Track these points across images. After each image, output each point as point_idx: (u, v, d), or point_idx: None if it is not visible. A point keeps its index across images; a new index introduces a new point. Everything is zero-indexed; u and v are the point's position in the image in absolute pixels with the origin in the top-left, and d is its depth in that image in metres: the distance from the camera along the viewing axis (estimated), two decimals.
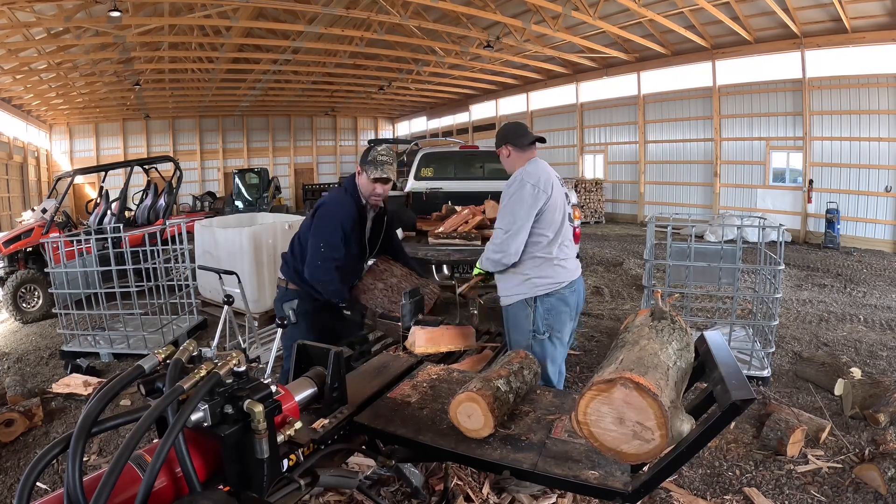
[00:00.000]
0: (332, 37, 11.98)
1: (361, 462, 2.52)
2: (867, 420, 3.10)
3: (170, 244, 5.15)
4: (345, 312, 2.61)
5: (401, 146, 19.50)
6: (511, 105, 18.56)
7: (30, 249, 6.49)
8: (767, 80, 11.12)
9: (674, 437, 1.27)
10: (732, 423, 2.99)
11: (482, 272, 2.62)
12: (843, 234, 9.85)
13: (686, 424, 1.31)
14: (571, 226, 2.64)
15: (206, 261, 5.16)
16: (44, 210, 7.04)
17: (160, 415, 1.09)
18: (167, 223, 5.95)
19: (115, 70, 12.94)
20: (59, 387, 3.87)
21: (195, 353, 1.28)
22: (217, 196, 18.33)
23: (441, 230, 5.03)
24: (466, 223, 5.12)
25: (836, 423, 3.11)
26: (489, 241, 2.56)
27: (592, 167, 15.78)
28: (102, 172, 7.86)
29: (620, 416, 1.27)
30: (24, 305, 6.15)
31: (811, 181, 10.51)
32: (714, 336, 1.61)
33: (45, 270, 4.96)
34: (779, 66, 10.80)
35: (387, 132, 25.94)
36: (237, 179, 16.20)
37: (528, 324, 2.48)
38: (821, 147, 10.39)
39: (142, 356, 1.27)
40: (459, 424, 1.58)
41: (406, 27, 11.17)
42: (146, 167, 8.04)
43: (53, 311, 5.32)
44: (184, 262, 4.99)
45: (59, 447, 1.03)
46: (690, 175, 13.07)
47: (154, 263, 4.81)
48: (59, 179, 7.58)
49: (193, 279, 5.07)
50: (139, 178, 8.88)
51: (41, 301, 6.18)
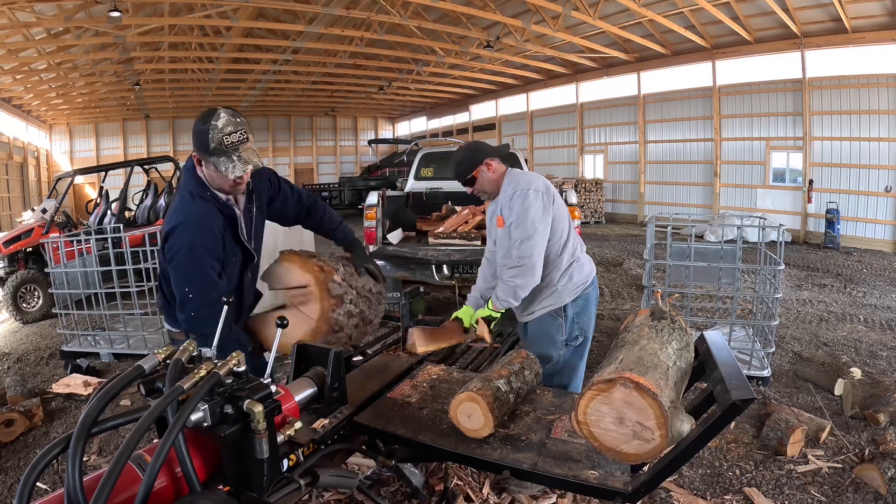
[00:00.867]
0: (332, 37, 11.97)
1: (361, 462, 2.52)
2: (867, 420, 3.10)
3: None
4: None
5: (401, 146, 19.56)
6: (511, 105, 18.55)
7: (30, 249, 6.49)
8: (767, 80, 11.11)
9: (674, 437, 1.27)
10: (732, 423, 2.99)
11: (499, 314, 2.24)
12: (843, 234, 9.85)
13: (686, 424, 1.31)
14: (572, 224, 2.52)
15: None
16: (44, 210, 7.04)
17: (160, 415, 1.09)
18: None
19: (115, 70, 12.94)
20: (59, 387, 3.86)
21: (195, 353, 1.28)
22: None
23: (441, 230, 5.04)
24: (466, 223, 5.13)
25: (836, 423, 3.10)
26: (502, 273, 2.23)
27: (592, 167, 15.78)
28: (102, 172, 7.85)
29: (620, 416, 1.27)
30: (24, 305, 6.15)
31: (811, 181, 10.51)
32: (714, 336, 1.61)
33: (45, 270, 4.96)
34: (779, 66, 10.79)
35: (387, 132, 25.94)
36: None
37: (560, 334, 2.33)
38: (821, 147, 10.39)
39: (142, 356, 1.27)
40: (459, 424, 1.58)
41: (406, 27, 11.17)
42: (146, 167, 8.03)
43: (53, 311, 5.32)
44: None
45: (59, 447, 1.03)
46: (690, 175, 13.06)
47: (154, 263, 4.80)
48: (59, 179, 7.58)
49: None
50: (139, 178, 8.88)
51: (41, 301, 6.18)
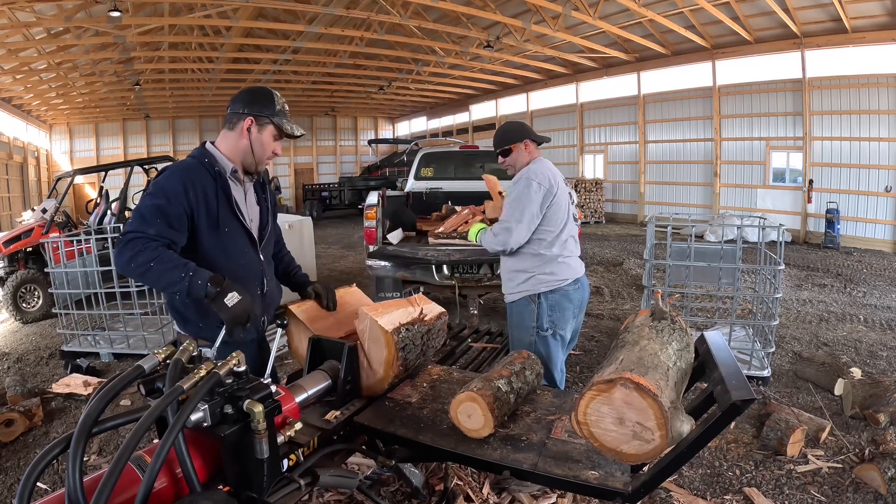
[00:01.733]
0: (332, 37, 11.98)
1: (361, 462, 2.52)
2: (867, 420, 3.10)
3: None
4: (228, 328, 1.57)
5: (401, 146, 19.57)
6: (511, 105, 18.55)
7: (30, 249, 6.49)
8: (767, 80, 11.12)
9: (674, 438, 1.27)
10: (732, 423, 2.99)
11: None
12: (843, 234, 9.85)
13: (686, 425, 1.31)
14: (576, 224, 2.66)
15: None
16: (44, 210, 7.04)
17: (160, 415, 1.09)
18: None
19: (115, 70, 12.94)
20: (59, 387, 3.86)
21: (195, 353, 1.28)
22: None
23: (441, 230, 5.03)
24: (466, 223, 5.12)
25: (836, 423, 3.10)
26: (494, 225, 2.55)
27: (592, 167, 15.78)
28: (102, 172, 7.86)
29: (620, 417, 1.27)
30: (24, 305, 6.15)
31: (811, 181, 10.51)
32: (714, 336, 1.61)
33: (45, 270, 4.96)
34: (779, 66, 10.80)
35: (387, 132, 25.93)
36: None
37: (532, 320, 2.50)
38: (821, 147, 10.39)
39: (142, 356, 1.27)
40: (460, 424, 1.58)
41: (406, 27, 11.17)
42: (146, 167, 8.03)
43: (53, 311, 5.32)
44: None
45: (60, 447, 1.03)
46: (690, 175, 13.07)
47: None
48: (59, 179, 7.58)
49: None
50: (139, 178, 8.87)
51: (41, 301, 6.18)
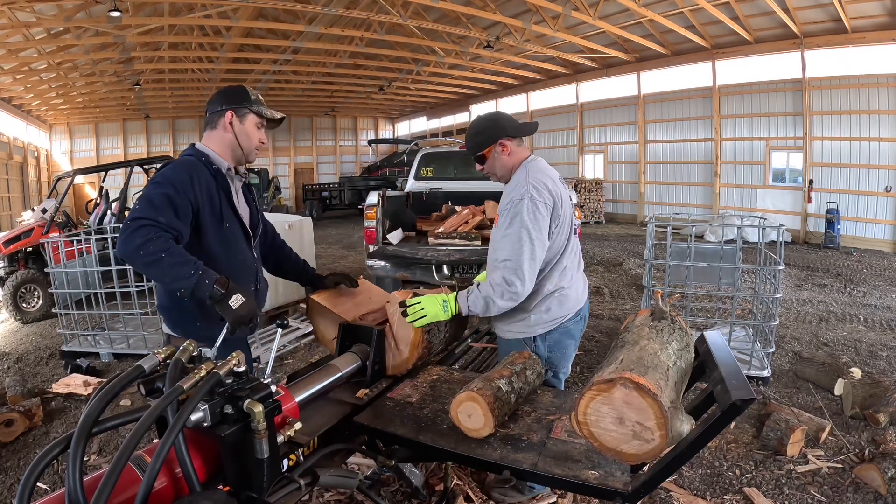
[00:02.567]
0: (332, 37, 11.98)
1: (361, 462, 2.52)
2: (867, 420, 3.10)
3: None
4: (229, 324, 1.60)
5: (401, 146, 19.57)
6: (511, 105, 18.55)
7: (30, 249, 6.48)
8: (767, 80, 11.12)
9: (674, 438, 1.27)
10: (732, 423, 2.99)
11: (448, 315, 1.93)
12: (843, 234, 9.86)
13: (686, 424, 1.31)
14: (575, 236, 2.26)
15: None
16: (44, 210, 7.04)
17: (160, 415, 1.09)
18: None
19: (115, 70, 12.94)
20: (59, 387, 3.86)
21: (195, 353, 1.28)
22: None
23: (441, 230, 5.04)
24: (466, 223, 5.13)
25: (836, 423, 3.11)
26: (491, 277, 1.95)
27: (592, 167, 15.78)
28: (102, 172, 7.85)
29: (620, 417, 1.27)
30: (24, 305, 6.15)
31: (811, 181, 10.51)
32: (714, 336, 1.61)
33: (45, 270, 4.96)
34: (779, 66, 10.81)
35: (387, 132, 25.93)
36: None
37: None
38: (821, 147, 10.39)
39: (142, 356, 1.27)
40: (460, 424, 1.59)
41: (406, 27, 11.17)
42: (146, 167, 8.02)
43: (53, 311, 5.32)
44: None
45: (60, 447, 1.03)
46: (690, 175, 13.07)
47: None
48: (59, 179, 7.57)
49: None
50: (139, 178, 8.86)
51: (41, 301, 6.18)
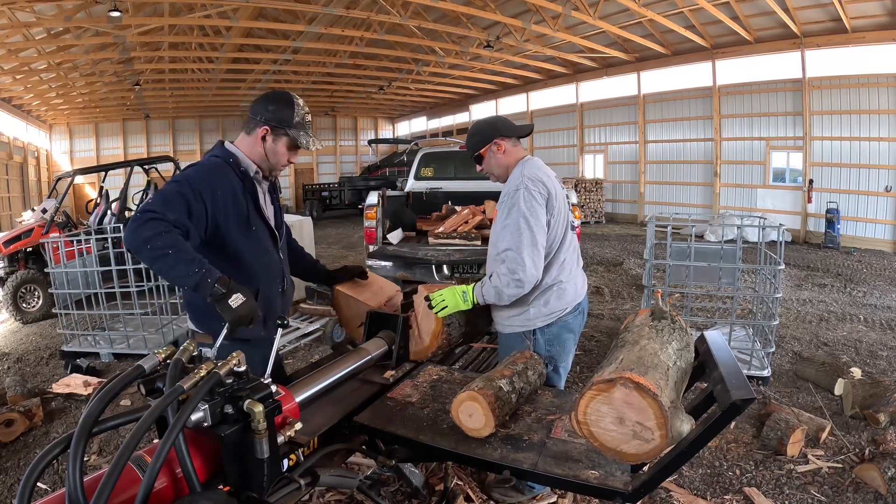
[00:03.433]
0: (332, 37, 11.97)
1: (361, 462, 2.52)
2: (867, 420, 3.10)
3: None
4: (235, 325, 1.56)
5: (401, 146, 19.58)
6: (511, 105, 18.55)
7: (30, 249, 6.49)
8: (767, 80, 11.12)
9: (674, 437, 1.27)
10: (732, 423, 2.99)
11: (459, 305, 2.06)
12: (843, 234, 9.85)
13: (686, 424, 1.31)
14: (573, 232, 2.30)
15: None
16: (44, 210, 7.04)
17: (160, 415, 1.09)
18: None
19: (115, 70, 12.94)
20: (59, 387, 3.86)
21: (195, 353, 1.28)
22: None
23: (441, 230, 5.04)
24: (466, 223, 5.13)
25: (836, 423, 3.11)
26: (497, 268, 2.05)
27: (592, 167, 15.78)
28: (102, 172, 7.86)
29: (620, 416, 1.27)
30: (24, 305, 6.15)
31: (811, 181, 10.51)
32: (714, 336, 1.61)
33: (45, 270, 4.96)
34: (779, 66, 10.80)
35: (387, 132, 25.93)
36: None
37: None
38: (821, 147, 10.39)
39: (142, 356, 1.27)
40: (461, 423, 1.59)
41: (406, 27, 11.17)
42: (146, 167, 8.03)
43: (53, 311, 5.32)
44: None
45: (60, 447, 1.03)
46: (690, 175, 13.07)
47: None
48: (59, 179, 7.57)
49: None
50: (139, 178, 8.87)
51: (41, 301, 6.18)
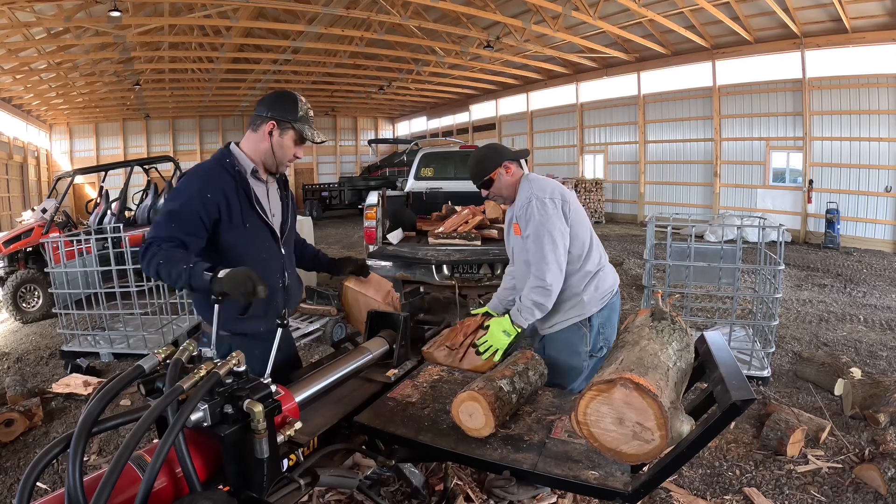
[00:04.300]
0: (332, 37, 11.97)
1: (361, 462, 2.52)
2: (867, 420, 3.10)
3: None
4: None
5: (401, 146, 19.58)
6: (511, 105, 18.55)
7: (30, 249, 6.49)
8: (767, 80, 11.11)
9: (674, 438, 1.27)
10: (732, 423, 2.99)
11: (518, 331, 2.09)
12: (843, 234, 9.85)
13: (686, 425, 1.31)
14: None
15: None
16: (44, 210, 7.04)
17: (160, 415, 1.09)
18: None
19: (115, 70, 12.94)
20: (59, 387, 3.86)
21: (195, 353, 1.28)
22: None
23: (441, 230, 5.04)
24: (466, 223, 5.13)
25: (836, 423, 3.10)
26: (527, 282, 2.11)
27: (592, 167, 15.78)
28: (102, 172, 7.86)
29: (620, 417, 1.27)
30: (24, 305, 6.15)
31: (811, 181, 10.51)
32: (714, 336, 1.61)
33: (45, 270, 4.95)
34: (779, 66, 10.80)
35: (387, 132, 25.93)
36: None
37: (584, 345, 2.20)
38: (821, 147, 10.39)
39: (142, 356, 1.27)
40: (461, 423, 1.59)
41: (406, 27, 11.16)
42: (146, 167, 8.03)
43: (53, 311, 5.32)
44: None
45: (60, 447, 1.03)
46: (690, 175, 13.06)
47: None
48: (59, 179, 7.57)
49: None
50: (139, 178, 8.88)
51: (41, 301, 6.18)
